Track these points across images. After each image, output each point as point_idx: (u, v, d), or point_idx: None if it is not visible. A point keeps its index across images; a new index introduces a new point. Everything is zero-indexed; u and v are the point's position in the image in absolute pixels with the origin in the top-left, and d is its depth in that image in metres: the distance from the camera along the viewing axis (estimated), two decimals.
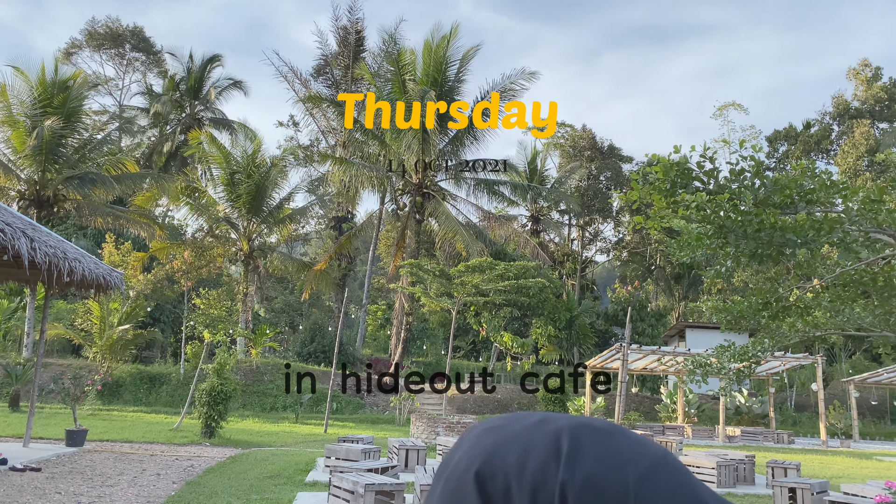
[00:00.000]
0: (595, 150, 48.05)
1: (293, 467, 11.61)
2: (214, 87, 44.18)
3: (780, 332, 8.81)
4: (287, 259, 35.11)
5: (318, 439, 17.12)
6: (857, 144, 40.28)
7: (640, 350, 23.98)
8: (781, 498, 9.39)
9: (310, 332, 34.12)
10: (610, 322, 38.00)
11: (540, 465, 0.60)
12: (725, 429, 23.12)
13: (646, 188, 7.15)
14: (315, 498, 8.90)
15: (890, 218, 6.98)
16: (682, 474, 0.62)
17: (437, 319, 39.71)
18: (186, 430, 16.85)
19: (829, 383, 30.49)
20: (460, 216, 31.19)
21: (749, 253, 6.83)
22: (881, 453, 20.88)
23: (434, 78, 29.26)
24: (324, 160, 31.04)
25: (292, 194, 33.21)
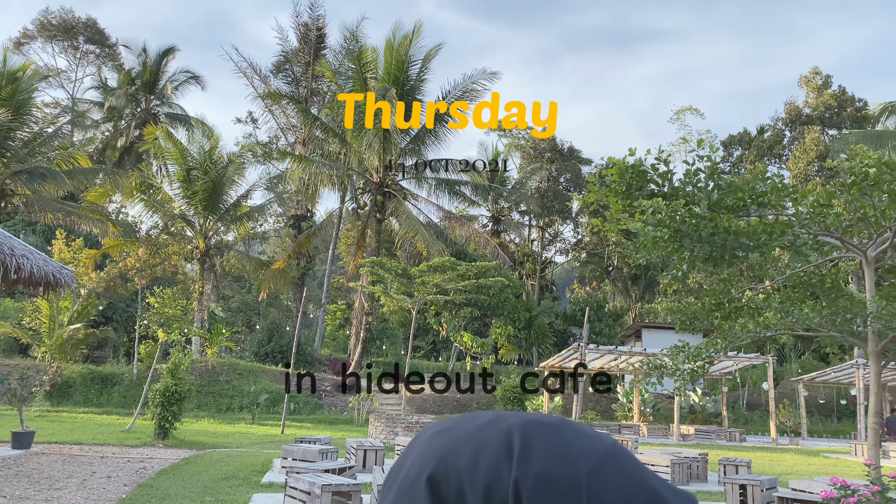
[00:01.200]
0: (555, 153, 48.48)
1: (249, 468, 11.45)
2: (171, 81, 43.33)
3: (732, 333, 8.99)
4: (244, 257, 34.63)
5: (275, 440, 16.91)
6: (807, 150, 41.42)
7: (597, 350, 24.28)
8: (732, 495, 9.60)
9: (267, 332, 33.71)
10: (568, 322, 38.40)
11: (492, 465, 0.59)
12: (680, 427, 23.55)
13: (602, 190, 7.23)
14: (271, 499, 8.79)
15: (837, 222, 7.19)
16: (631, 464, 0.62)
17: (398, 319, 39.62)
18: (139, 432, 16.49)
19: (779, 382, 31.29)
20: (421, 216, 31.18)
21: (703, 256, 6.96)
22: (828, 450, 21.51)
23: (396, 76, 29.17)
24: (283, 157, 30.68)
25: (250, 192, 32.79)
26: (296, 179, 30.23)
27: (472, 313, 32.04)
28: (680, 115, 51.52)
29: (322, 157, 32.42)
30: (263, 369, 28.46)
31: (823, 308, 7.49)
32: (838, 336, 8.18)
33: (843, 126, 44.97)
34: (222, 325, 29.08)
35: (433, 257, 25.82)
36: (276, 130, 40.00)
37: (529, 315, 33.25)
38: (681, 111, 51.18)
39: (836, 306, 7.29)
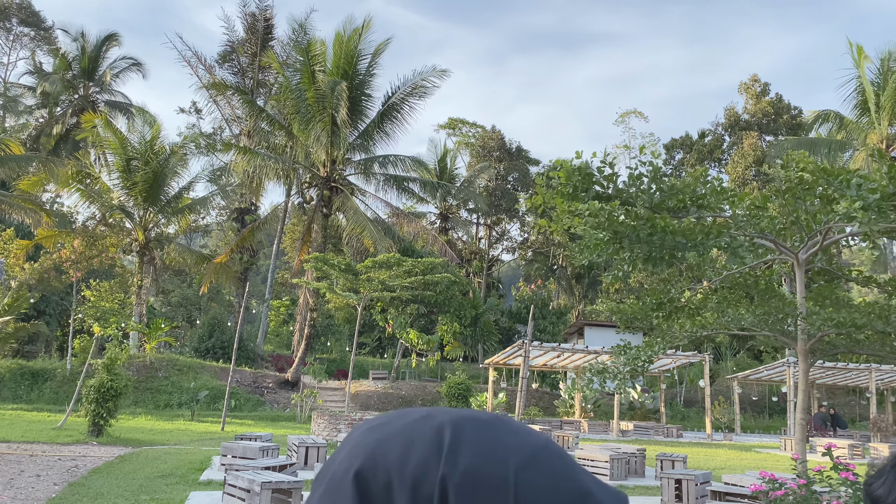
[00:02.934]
0: (504, 152, 48.87)
1: (187, 466, 11.19)
2: (111, 68, 41.94)
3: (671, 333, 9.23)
4: (185, 251, 33.82)
5: (215, 437, 16.59)
6: (745, 155, 42.78)
7: (541, 347, 24.58)
8: (668, 489, 9.86)
9: (208, 327, 33.02)
10: (514, 319, 38.77)
11: (421, 460, 0.59)
12: (619, 424, 24.04)
13: (549, 192, 7.32)
14: (209, 497, 8.61)
15: (771, 225, 7.45)
16: (563, 462, 0.62)
17: (343, 315, 39.31)
18: (72, 429, 15.95)
19: (715, 380, 32.26)
20: (369, 211, 30.97)
21: (643, 256, 7.11)
22: (760, 445, 22.29)
23: (345, 70, 28.89)
24: (227, 149, 30.03)
25: (192, 184, 32.04)
26: (240, 172, 29.66)
27: (418, 310, 32.04)
28: (625, 118, 52.62)
29: (268, 149, 31.89)
30: (204, 365, 27.88)
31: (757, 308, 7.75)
32: (771, 335, 8.47)
33: (780, 132, 46.61)
34: (161, 320, 28.35)
35: (380, 254, 25.70)
36: (220, 121, 39.19)
37: (476, 312, 33.43)
38: (625, 114, 52.28)
39: (768, 307, 7.55)
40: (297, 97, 28.71)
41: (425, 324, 35.19)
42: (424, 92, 30.01)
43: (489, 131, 50.31)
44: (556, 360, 27.63)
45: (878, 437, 23.15)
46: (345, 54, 29.04)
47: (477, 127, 51.97)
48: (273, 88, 36.25)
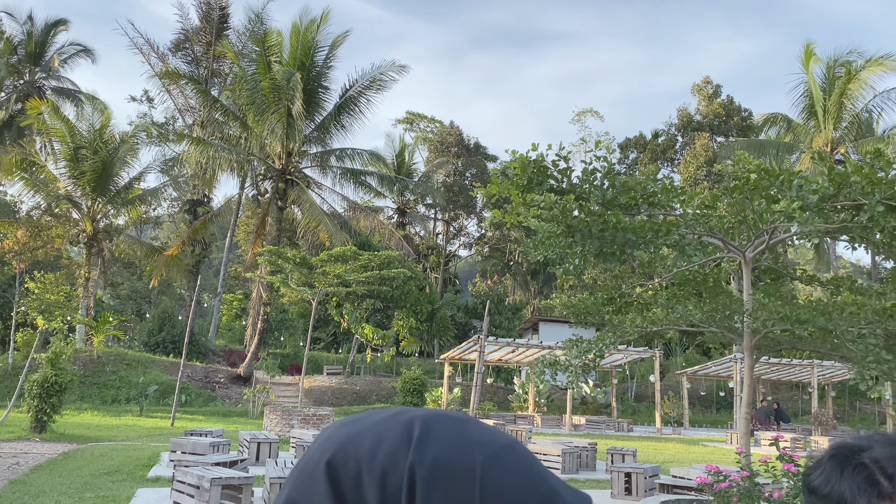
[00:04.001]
0: (462, 147, 48.96)
1: (134, 462, 10.95)
2: (59, 53, 40.62)
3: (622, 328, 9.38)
4: (135, 243, 33.03)
5: (164, 433, 16.27)
6: (697, 155, 43.70)
7: (496, 342, 24.76)
8: (618, 482, 10.04)
9: (158, 321, 32.33)
10: (470, 315, 38.93)
11: (391, 450, 0.61)
12: (572, 418, 24.37)
13: (504, 183, 7.36)
14: (157, 494, 8.44)
15: (720, 223, 7.62)
16: (528, 461, 0.63)
17: (297, 310, 38.92)
18: (13, 425, 15.45)
19: (665, 375, 32.94)
20: (325, 205, 30.70)
21: (595, 251, 7.21)
22: (707, 439, 22.85)
23: (301, 62, 28.54)
24: (180, 140, 29.37)
25: (143, 174, 31.30)
26: (193, 163, 29.05)
27: (374, 305, 31.91)
28: (581, 117, 53.20)
29: (221, 140, 31.32)
30: (153, 360, 27.31)
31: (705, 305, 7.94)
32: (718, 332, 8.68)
33: (731, 134, 47.74)
34: (109, 313, 27.66)
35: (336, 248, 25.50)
36: (173, 111, 38.31)
37: (432, 307, 33.46)
38: (581, 113, 52.85)
39: (716, 303, 7.74)
40: (252, 88, 28.26)
41: (381, 319, 35.09)
42: (382, 86, 29.86)
43: (447, 127, 50.34)
44: (511, 355, 27.86)
45: (818, 431, 23.96)
46: (302, 46, 28.70)
47: (435, 122, 51.96)
48: (228, 79, 35.61)
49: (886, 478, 0.94)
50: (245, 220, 41.22)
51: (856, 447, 0.99)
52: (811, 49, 35.07)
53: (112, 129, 29.79)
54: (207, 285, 46.05)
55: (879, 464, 0.95)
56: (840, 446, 1.02)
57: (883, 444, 0.97)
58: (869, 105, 35.07)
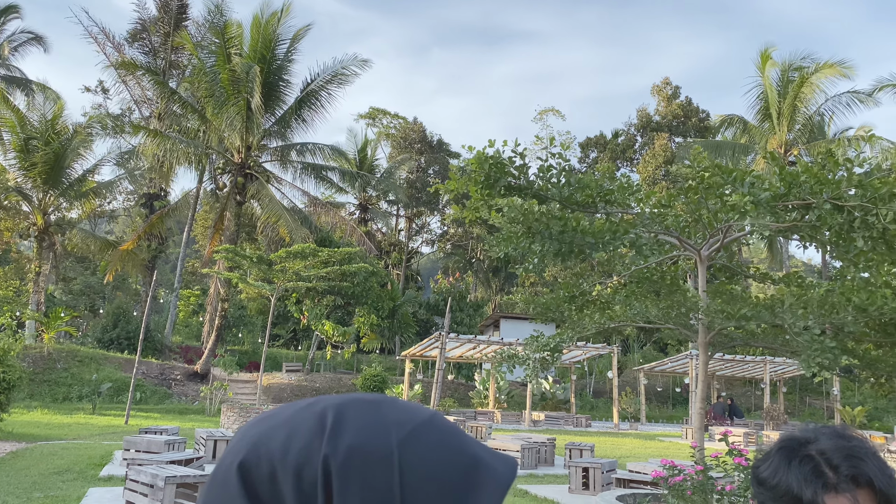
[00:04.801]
0: (425, 144, 48.91)
1: (86, 461, 10.69)
2: (9, 41, 39.33)
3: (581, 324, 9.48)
4: (89, 237, 32.26)
5: (118, 431, 15.92)
6: (656, 155, 44.40)
7: (457, 339, 24.82)
8: (576, 476, 10.16)
9: (112, 317, 31.60)
10: (432, 312, 38.93)
11: (304, 445, 0.59)
12: (531, 414, 24.57)
13: (462, 180, 7.38)
14: (109, 493, 8.26)
15: (676, 222, 7.75)
16: (449, 434, 0.62)
17: (256, 306, 38.45)
18: None
19: (623, 371, 33.43)
20: (285, 200, 30.37)
21: (554, 252, 7.28)
22: (663, 434, 23.27)
23: (262, 55, 28.15)
24: (136, 132, 28.71)
25: (98, 166, 30.55)
26: (149, 156, 28.44)
27: (335, 301, 31.67)
28: (543, 116, 53.61)
29: (179, 133, 30.71)
30: (107, 356, 26.70)
31: (661, 302, 8.07)
32: (674, 328, 8.83)
33: (689, 134, 48.60)
34: (61, 309, 26.94)
35: (296, 243, 25.23)
36: (129, 102, 37.41)
37: (393, 304, 33.37)
38: (544, 111, 53.27)
39: (672, 301, 7.87)
40: (211, 80, 27.78)
41: (342, 315, 34.87)
42: (344, 80, 29.64)
43: (410, 123, 50.23)
44: (472, 351, 27.96)
45: (770, 426, 24.58)
46: (262, 38, 28.31)
47: (398, 118, 51.80)
48: (186, 70, 34.93)
49: (831, 469, 0.96)
50: (203, 215, 40.54)
51: (803, 439, 1.01)
52: (768, 53, 35.93)
53: (65, 120, 29.04)
54: (164, 281, 45.17)
55: (825, 455, 0.97)
56: (788, 439, 1.04)
57: (828, 437, 1.00)
58: (821, 108, 36.08)
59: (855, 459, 0.96)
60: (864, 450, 0.98)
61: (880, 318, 6.88)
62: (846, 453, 0.97)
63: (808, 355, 5.97)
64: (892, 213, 5.70)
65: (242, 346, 36.14)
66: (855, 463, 0.96)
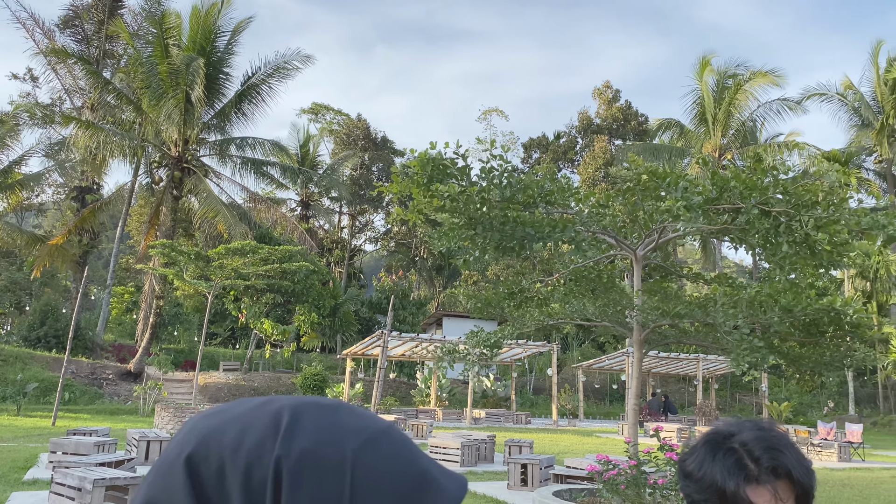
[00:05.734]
0: (369, 141, 48.63)
1: (9, 465, 10.25)
2: None
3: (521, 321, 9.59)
4: (15, 230, 30.89)
5: (44, 433, 15.31)
6: (596, 157, 45.25)
7: (400, 337, 24.76)
8: (515, 473, 10.27)
9: (40, 314, 30.35)
10: (374, 310, 38.74)
11: (256, 443, 0.58)
12: (472, 411, 24.72)
13: (405, 182, 7.38)
14: (33, 498, 7.94)
15: (613, 222, 7.92)
16: (403, 446, 0.62)
17: (193, 304, 37.55)
18: None
19: (562, 369, 33.96)
20: (224, 195, 29.73)
21: (494, 244, 7.35)
22: (600, 430, 23.74)
23: (202, 46, 27.49)
24: (67, 122, 27.64)
25: (25, 158, 29.29)
26: (81, 147, 27.41)
27: (274, 299, 31.19)
28: (487, 116, 53.99)
29: (114, 124, 29.72)
30: (34, 355, 25.65)
31: (598, 300, 8.24)
32: (610, 326, 9.02)
33: (628, 137, 49.69)
34: None
35: (235, 240, 24.73)
36: (60, 92, 36.00)
37: (335, 302, 33.08)
38: (488, 111, 53.66)
39: (608, 299, 8.04)
40: (147, 71, 26.97)
41: (282, 313, 34.38)
42: (286, 74, 29.21)
43: (354, 119, 49.86)
44: (414, 350, 27.94)
45: (702, 421, 25.36)
46: (202, 29, 27.65)
47: (342, 114, 51.34)
48: (121, 60, 33.81)
49: (753, 461, 0.99)
50: (138, 210, 39.36)
51: (726, 433, 1.04)
52: (707, 60, 37.08)
53: None
54: (96, 277, 43.64)
55: (747, 447, 1.00)
56: (712, 432, 1.07)
57: (750, 429, 1.03)
58: (754, 115, 37.45)
59: (775, 451, 1.00)
60: (783, 442, 1.02)
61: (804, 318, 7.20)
62: (766, 445, 1.00)
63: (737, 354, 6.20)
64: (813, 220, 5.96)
65: (178, 344, 35.24)
66: (774, 455, 0.99)
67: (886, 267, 31.11)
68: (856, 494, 10.85)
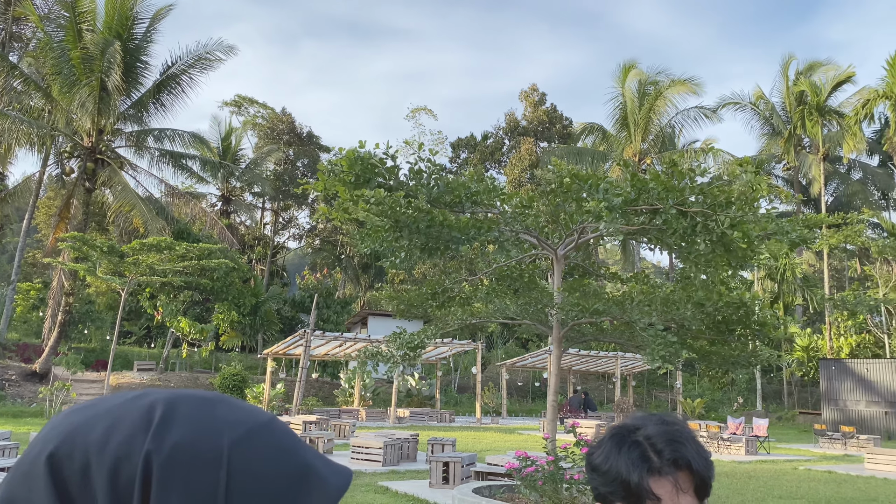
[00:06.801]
0: (294, 135, 47.79)
1: None
2: None
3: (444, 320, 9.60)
4: None
5: None
6: (522, 158, 45.92)
7: (323, 336, 24.43)
8: (436, 471, 10.27)
9: None
10: (297, 309, 38.10)
11: (126, 438, 0.55)
12: (397, 411, 24.65)
13: (331, 180, 7.27)
14: None
15: (535, 222, 8.02)
16: (285, 439, 0.59)
17: (105, 301, 36.02)
18: None
19: (486, 367, 34.29)
20: (140, 188, 28.58)
21: (420, 246, 7.32)
22: (522, 427, 24.08)
23: (118, 32, 26.35)
24: None
25: None
26: None
27: (192, 297, 30.23)
28: (415, 114, 53.96)
29: (21, 112, 28.12)
30: None
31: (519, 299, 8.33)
32: (531, 324, 9.14)
33: (553, 140, 50.64)
34: None
35: (152, 235, 23.81)
36: None
37: (256, 301, 32.34)
38: (416, 110, 53.62)
39: (529, 297, 8.14)
40: (58, 56, 25.65)
41: (200, 312, 33.37)
42: (208, 65, 28.36)
43: (279, 113, 48.91)
44: (338, 349, 27.63)
45: (620, 418, 26.09)
46: (119, 15, 26.51)
47: (266, 108, 50.26)
48: (30, 44, 32.04)
49: (656, 453, 1.00)
50: (47, 202, 37.46)
51: (632, 426, 1.05)
52: (629, 67, 38.22)
53: None
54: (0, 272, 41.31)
55: (651, 440, 1.01)
56: (618, 426, 1.07)
57: (655, 423, 1.04)
58: (672, 121, 38.86)
59: (676, 444, 1.02)
60: (685, 435, 1.04)
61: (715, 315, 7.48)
62: (668, 438, 1.02)
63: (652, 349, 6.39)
64: (728, 219, 6.20)
65: (89, 343, 33.69)
66: (676, 447, 1.01)
67: (792, 269, 32.83)
68: (760, 486, 11.36)
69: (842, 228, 29.83)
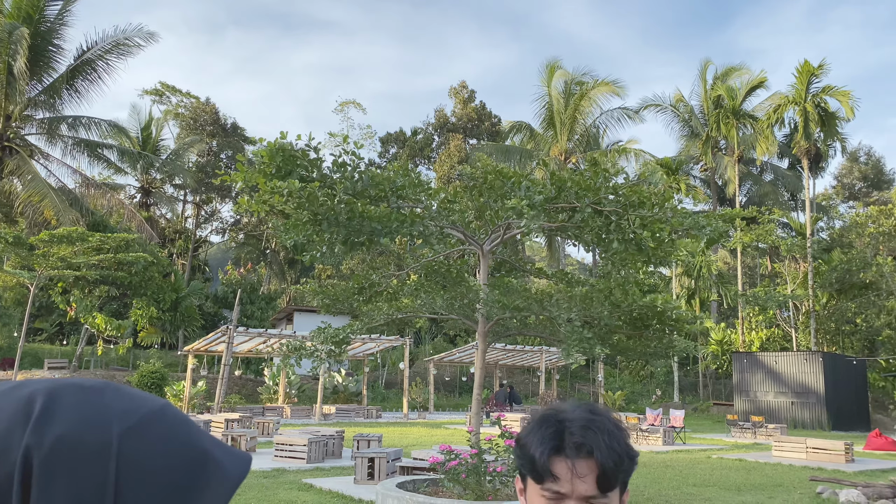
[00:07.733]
0: (217, 126, 46.54)
1: None
2: None
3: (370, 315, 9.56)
4: None
5: None
6: (451, 154, 46.13)
7: (247, 333, 23.92)
8: (362, 467, 10.22)
9: None
10: (220, 304, 37.14)
11: (2, 433, 0.53)
12: (322, 407, 24.39)
13: (250, 171, 7.11)
14: None
15: (461, 217, 8.08)
16: (179, 426, 0.57)
17: (13, 296, 34.15)
18: None
19: (414, 362, 34.35)
20: (52, 178, 27.25)
21: (342, 239, 7.26)
22: (449, 422, 24.25)
23: (28, 14, 25.02)
24: None
25: None
26: None
27: (109, 292, 29.04)
28: (344, 108, 53.41)
29: None
30: None
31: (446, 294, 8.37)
32: (458, 319, 9.20)
33: (482, 137, 51.08)
34: None
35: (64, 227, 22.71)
36: None
37: (177, 296, 31.36)
38: (345, 104, 53.08)
39: (455, 292, 8.20)
40: None
41: (117, 307, 32.10)
42: (127, 51, 27.28)
43: (202, 103, 47.49)
44: (262, 345, 27.09)
45: None
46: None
47: (190, 97, 48.72)
48: None
49: (567, 436, 1.03)
50: None
51: (560, 409, 1.10)
52: (554, 67, 38.90)
53: None
54: None
55: (567, 423, 1.06)
56: (550, 409, 1.12)
57: (582, 411, 1.09)
58: (597, 121, 39.84)
59: (589, 431, 1.04)
60: (603, 426, 1.06)
61: (632, 313, 7.72)
62: (584, 424, 1.05)
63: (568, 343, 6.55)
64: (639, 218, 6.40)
65: None
66: (586, 434, 1.04)
67: (708, 266, 34.22)
68: (676, 474, 11.82)
69: (754, 228, 31.29)
